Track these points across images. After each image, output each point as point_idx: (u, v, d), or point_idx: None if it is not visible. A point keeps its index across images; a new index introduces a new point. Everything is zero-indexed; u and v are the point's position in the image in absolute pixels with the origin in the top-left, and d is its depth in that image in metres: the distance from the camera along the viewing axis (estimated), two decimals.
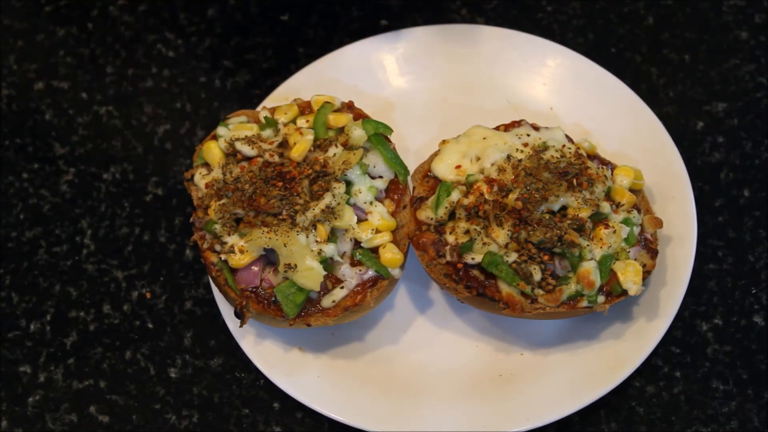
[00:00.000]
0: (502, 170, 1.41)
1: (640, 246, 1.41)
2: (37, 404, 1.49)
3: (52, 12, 1.80)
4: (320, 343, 1.47)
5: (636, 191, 1.45)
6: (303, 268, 1.35)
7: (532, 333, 1.47)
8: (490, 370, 1.45)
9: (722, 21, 1.71)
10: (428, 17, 1.74)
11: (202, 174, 1.45)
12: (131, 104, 1.71)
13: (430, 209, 1.42)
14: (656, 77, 1.67)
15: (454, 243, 1.39)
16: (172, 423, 1.47)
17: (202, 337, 1.52)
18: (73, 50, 1.76)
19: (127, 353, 1.52)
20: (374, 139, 1.44)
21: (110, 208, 1.63)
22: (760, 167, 1.59)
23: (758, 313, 1.49)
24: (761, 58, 1.67)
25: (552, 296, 1.35)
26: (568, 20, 1.73)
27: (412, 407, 1.42)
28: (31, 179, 1.66)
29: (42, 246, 1.60)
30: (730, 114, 1.63)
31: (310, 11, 1.76)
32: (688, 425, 1.43)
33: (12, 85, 1.74)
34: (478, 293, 1.38)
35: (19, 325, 1.54)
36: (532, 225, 1.36)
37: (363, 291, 1.39)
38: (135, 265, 1.58)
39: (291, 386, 1.43)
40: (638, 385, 1.45)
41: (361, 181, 1.41)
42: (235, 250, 1.37)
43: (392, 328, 1.49)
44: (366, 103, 1.55)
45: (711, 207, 1.56)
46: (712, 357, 1.46)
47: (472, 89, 1.63)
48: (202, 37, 1.76)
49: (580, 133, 1.57)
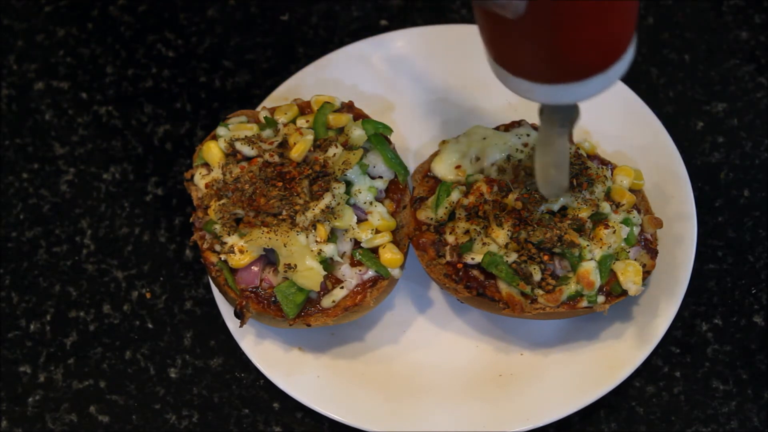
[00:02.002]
0: (502, 170, 1.41)
1: (640, 246, 1.41)
2: (37, 404, 1.49)
3: (52, 12, 1.80)
4: (320, 343, 1.47)
5: (636, 191, 1.45)
6: (303, 268, 1.35)
7: (532, 333, 1.47)
8: (490, 370, 1.45)
9: (722, 21, 1.71)
10: (428, 17, 1.74)
11: (202, 174, 1.45)
12: (131, 104, 1.71)
13: (430, 209, 1.42)
14: (656, 77, 1.67)
15: (453, 243, 1.39)
16: (172, 423, 1.47)
17: (202, 337, 1.52)
18: (73, 50, 1.76)
19: (127, 353, 1.52)
20: (374, 139, 1.44)
21: (110, 208, 1.63)
22: (760, 167, 1.59)
23: (758, 313, 1.49)
24: (761, 58, 1.67)
25: (552, 296, 1.35)
26: None
27: (412, 407, 1.42)
28: (31, 179, 1.66)
29: (42, 246, 1.60)
30: (730, 114, 1.63)
31: (310, 11, 1.76)
32: (688, 425, 1.43)
33: (12, 85, 1.74)
34: (478, 293, 1.38)
35: (19, 325, 1.55)
36: (532, 225, 1.36)
37: (363, 291, 1.39)
38: (135, 265, 1.58)
39: (291, 386, 1.43)
40: (638, 385, 1.45)
41: (361, 181, 1.41)
42: (235, 250, 1.37)
43: (392, 328, 1.49)
44: (366, 103, 1.55)
45: (711, 207, 1.56)
46: (712, 357, 1.47)
47: (472, 89, 1.63)
48: (202, 37, 1.76)
49: (580, 133, 1.57)
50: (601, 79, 1.12)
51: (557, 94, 1.13)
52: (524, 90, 1.15)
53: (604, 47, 1.10)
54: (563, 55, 1.09)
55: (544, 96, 1.14)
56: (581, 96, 1.14)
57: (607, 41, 1.10)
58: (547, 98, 1.15)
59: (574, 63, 1.10)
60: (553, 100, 1.15)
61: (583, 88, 1.12)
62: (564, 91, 1.13)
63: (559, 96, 1.14)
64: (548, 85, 1.13)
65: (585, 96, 1.14)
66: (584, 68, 1.11)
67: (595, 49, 1.09)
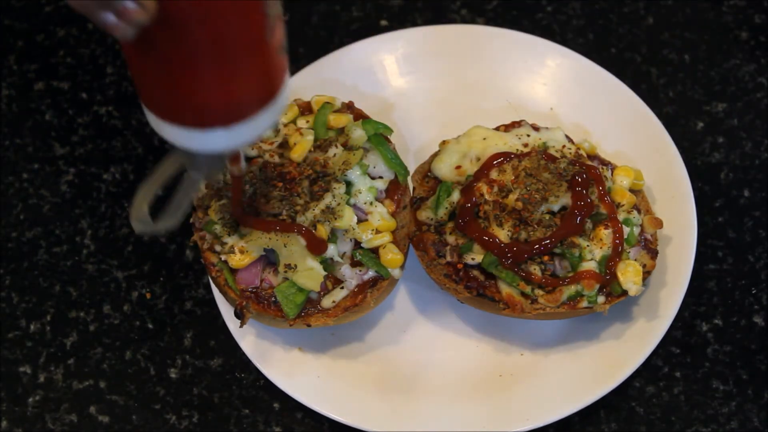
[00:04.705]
0: (503, 171, 1.41)
1: (640, 246, 1.41)
2: (37, 404, 1.49)
3: (52, 12, 1.79)
4: (320, 343, 1.47)
5: (636, 191, 1.45)
6: (303, 269, 1.35)
7: (532, 333, 1.47)
8: (490, 370, 1.45)
9: (722, 21, 1.71)
10: (428, 17, 1.74)
11: None
12: (131, 104, 1.71)
13: (430, 209, 1.42)
14: (656, 77, 1.67)
15: (454, 243, 1.39)
16: (172, 423, 1.47)
17: (202, 338, 1.52)
18: (73, 50, 1.76)
19: (127, 353, 1.52)
20: (374, 139, 1.44)
21: (110, 208, 1.63)
22: (760, 167, 1.59)
23: (758, 313, 1.49)
24: (761, 58, 1.67)
25: (552, 296, 1.35)
26: (568, 20, 1.73)
27: (412, 407, 1.42)
28: (31, 179, 1.66)
29: (42, 246, 1.60)
30: (730, 114, 1.63)
31: (310, 11, 1.76)
32: (688, 425, 1.43)
33: (12, 85, 1.74)
34: (478, 293, 1.38)
35: (19, 325, 1.54)
36: (532, 225, 1.36)
37: (363, 291, 1.39)
38: (135, 265, 1.58)
39: (291, 386, 1.43)
40: (638, 385, 1.45)
41: (361, 181, 1.41)
42: (235, 251, 1.37)
43: (392, 328, 1.49)
44: (366, 104, 1.55)
45: (711, 207, 1.56)
46: (712, 357, 1.47)
47: (472, 89, 1.63)
48: None
49: (580, 133, 1.57)
50: (223, 135, 1.07)
51: (180, 137, 1.08)
52: (153, 124, 1.10)
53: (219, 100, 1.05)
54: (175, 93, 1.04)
55: (167, 135, 1.09)
56: (203, 146, 1.09)
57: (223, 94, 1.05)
58: (170, 138, 1.10)
59: (189, 106, 1.05)
60: (176, 141, 1.10)
61: (204, 138, 1.08)
62: (186, 135, 1.08)
63: (181, 140, 1.09)
64: (171, 125, 1.08)
65: (207, 147, 1.09)
66: (201, 116, 1.06)
67: (209, 98, 1.05)
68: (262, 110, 1.09)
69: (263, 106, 1.09)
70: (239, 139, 1.10)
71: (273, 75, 1.09)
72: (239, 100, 1.07)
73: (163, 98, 1.07)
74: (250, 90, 1.08)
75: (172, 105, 1.07)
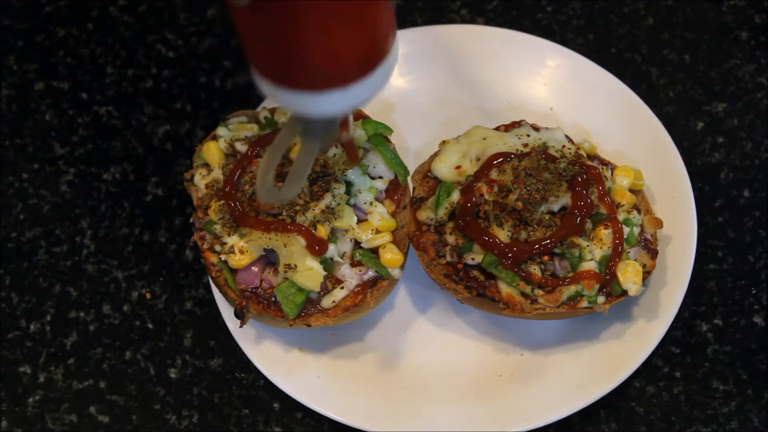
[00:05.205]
0: (503, 171, 1.41)
1: (640, 246, 1.41)
2: (37, 404, 1.49)
3: (52, 12, 1.79)
4: (320, 343, 1.47)
5: (636, 191, 1.45)
6: (303, 269, 1.35)
7: (532, 333, 1.47)
8: (490, 370, 1.45)
9: (722, 21, 1.71)
10: (428, 17, 1.74)
11: (202, 174, 1.45)
12: (131, 104, 1.71)
13: (430, 210, 1.42)
14: (656, 77, 1.67)
15: (454, 243, 1.39)
16: (172, 423, 1.47)
17: (202, 338, 1.52)
18: (73, 50, 1.76)
19: (127, 353, 1.52)
20: (374, 139, 1.44)
21: (110, 208, 1.63)
22: (760, 167, 1.59)
23: (758, 313, 1.49)
24: (761, 58, 1.67)
25: (552, 296, 1.35)
26: (568, 20, 1.73)
27: (412, 407, 1.42)
28: (31, 179, 1.66)
29: (42, 246, 1.60)
30: (730, 114, 1.63)
31: None
32: (688, 425, 1.43)
33: (12, 85, 1.74)
34: (478, 293, 1.38)
35: (19, 325, 1.55)
36: (532, 225, 1.36)
37: (363, 291, 1.39)
38: (135, 265, 1.58)
39: (291, 386, 1.43)
40: (638, 385, 1.45)
41: (361, 181, 1.41)
42: (235, 251, 1.37)
43: (392, 328, 1.49)
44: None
45: (711, 207, 1.56)
46: (712, 357, 1.47)
47: (472, 89, 1.63)
48: (202, 37, 1.75)
49: (580, 133, 1.57)
50: (339, 96, 1.07)
51: (295, 101, 1.08)
52: (267, 92, 1.10)
53: (335, 59, 1.04)
54: (291, 55, 1.03)
55: (282, 101, 1.09)
56: (319, 109, 1.08)
57: (339, 52, 1.04)
58: (285, 104, 1.10)
59: (305, 67, 1.04)
60: (291, 107, 1.10)
61: (320, 101, 1.07)
62: (302, 100, 1.08)
63: (297, 104, 1.08)
64: (286, 91, 1.07)
65: (323, 110, 1.08)
66: (317, 77, 1.05)
67: (325, 57, 1.04)
68: (376, 68, 1.09)
69: (377, 63, 1.08)
70: (354, 101, 1.10)
71: (386, 31, 1.08)
72: (355, 59, 1.06)
73: (278, 62, 1.06)
74: (365, 47, 1.06)
75: (289, 68, 1.06)
